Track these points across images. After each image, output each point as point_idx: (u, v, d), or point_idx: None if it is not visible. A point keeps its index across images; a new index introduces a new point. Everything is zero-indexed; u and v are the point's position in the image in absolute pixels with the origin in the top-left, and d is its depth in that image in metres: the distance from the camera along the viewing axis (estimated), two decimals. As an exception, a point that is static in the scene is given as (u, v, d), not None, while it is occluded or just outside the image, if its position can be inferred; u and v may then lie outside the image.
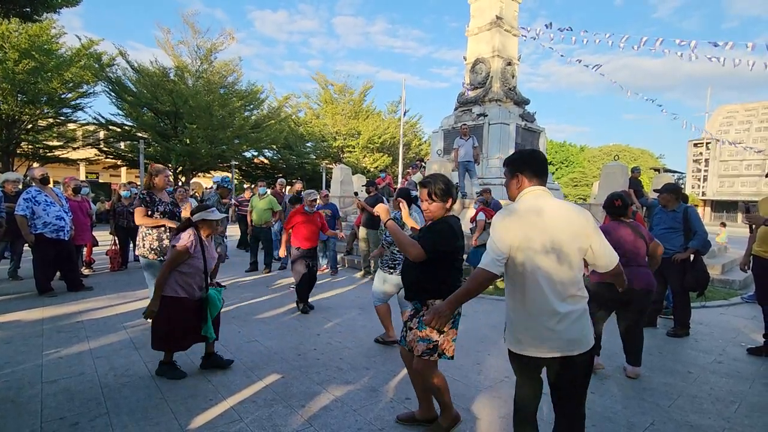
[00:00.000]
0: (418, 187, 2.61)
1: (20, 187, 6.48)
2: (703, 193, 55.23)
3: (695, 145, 57.04)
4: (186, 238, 3.06)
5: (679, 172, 48.94)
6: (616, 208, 3.54)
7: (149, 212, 4.16)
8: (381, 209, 2.63)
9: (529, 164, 1.93)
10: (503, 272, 1.84)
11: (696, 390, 3.26)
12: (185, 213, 4.53)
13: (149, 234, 4.18)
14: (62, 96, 17.98)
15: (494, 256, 1.78)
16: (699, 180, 56.48)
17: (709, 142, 54.03)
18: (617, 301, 3.33)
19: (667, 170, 29.88)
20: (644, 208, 9.13)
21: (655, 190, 4.81)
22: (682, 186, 50.38)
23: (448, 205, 2.40)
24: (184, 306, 3.08)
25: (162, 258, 4.14)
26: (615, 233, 3.39)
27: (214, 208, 3.25)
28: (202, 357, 3.32)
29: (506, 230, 1.79)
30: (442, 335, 2.33)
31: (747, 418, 2.85)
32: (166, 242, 4.16)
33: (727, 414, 2.89)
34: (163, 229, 4.22)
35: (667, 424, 2.72)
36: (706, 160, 55.14)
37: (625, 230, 3.45)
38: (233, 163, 23.13)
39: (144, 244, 4.18)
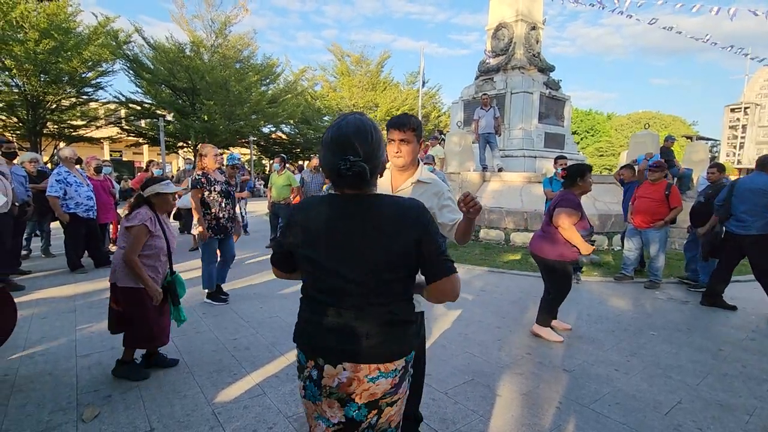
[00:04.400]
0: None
1: (48, 166, 6.67)
2: (739, 162, 52.66)
3: (732, 110, 54.07)
4: (145, 214, 2.69)
5: (714, 140, 46.57)
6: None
7: (206, 193, 4.23)
8: None
9: None
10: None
11: (727, 368, 3.16)
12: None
13: (207, 214, 4.28)
14: (83, 75, 18.19)
15: None
16: (735, 147, 53.78)
17: (748, 107, 51.09)
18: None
19: (700, 138, 28.42)
20: (675, 179, 8.75)
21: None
22: (717, 154, 48.10)
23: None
24: (147, 296, 2.72)
25: (217, 237, 4.31)
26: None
27: (169, 181, 2.90)
28: (142, 356, 2.94)
29: None
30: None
31: (781, 397, 2.75)
32: (222, 221, 4.32)
33: (759, 393, 2.80)
34: (218, 208, 4.29)
35: (695, 402, 2.65)
36: (744, 126, 52.29)
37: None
38: (251, 138, 23.23)
39: (198, 225, 4.28)
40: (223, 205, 4.33)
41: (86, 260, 5.96)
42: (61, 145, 19.00)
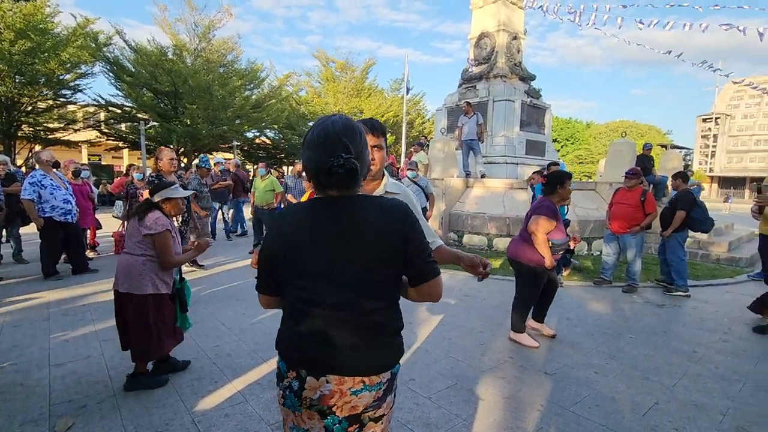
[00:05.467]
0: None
1: (22, 170, 6.48)
2: (711, 170, 54.57)
3: (704, 120, 56.07)
4: (164, 219, 2.70)
5: (687, 148, 48.21)
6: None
7: None
8: None
9: None
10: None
11: (700, 369, 3.26)
12: None
13: None
14: (60, 77, 17.73)
15: None
16: (707, 156, 55.75)
17: (719, 117, 53.09)
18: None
19: (674, 146, 29.40)
20: (651, 185, 9.01)
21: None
22: (690, 162, 49.77)
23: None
24: (166, 302, 2.75)
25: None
26: None
27: (177, 185, 2.92)
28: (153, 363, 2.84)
29: None
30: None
31: (752, 397, 2.84)
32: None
33: (731, 393, 2.89)
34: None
35: (671, 403, 2.72)
36: (715, 136, 54.30)
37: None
38: (235, 143, 22.98)
39: None
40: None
41: (61, 266, 5.78)
42: (37, 148, 18.44)
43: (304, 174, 8.34)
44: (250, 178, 11.52)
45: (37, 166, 5.49)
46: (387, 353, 1.20)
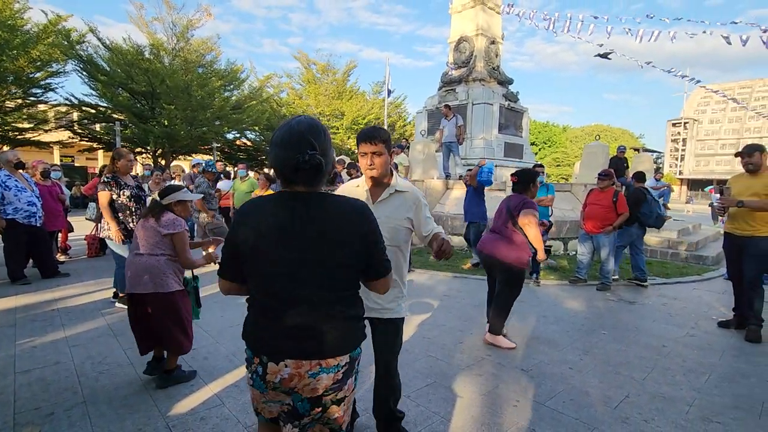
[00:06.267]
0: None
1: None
2: (680, 172, 56.52)
3: (674, 124, 58.04)
4: (181, 220, 2.82)
5: (658, 152, 49.85)
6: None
7: (115, 196, 4.23)
8: None
9: None
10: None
11: (669, 363, 3.38)
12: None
13: (115, 218, 4.27)
14: (30, 75, 17.10)
15: None
16: (677, 159, 57.66)
17: (687, 122, 55.05)
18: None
19: (646, 150, 30.35)
20: (623, 186, 9.29)
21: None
22: (661, 165, 51.48)
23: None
24: (187, 298, 2.88)
25: (129, 241, 4.21)
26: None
27: (186, 189, 3.00)
28: (148, 362, 2.88)
29: None
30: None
31: (716, 388, 2.97)
32: (131, 225, 4.27)
33: (697, 385, 3.01)
34: (128, 213, 4.30)
35: (642, 396, 2.82)
36: (684, 140, 56.30)
37: (502, 202, 3.80)
38: (214, 145, 22.62)
39: (111, 227, 4.24)
40: (133, 209, 4.34)
41: (31, 271, 5.57)
42: (5, 148, 17.71)
43: (254, 175, 8.37)
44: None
45: (1, 167, 5.29)
46: (344, 338, 1.27)
